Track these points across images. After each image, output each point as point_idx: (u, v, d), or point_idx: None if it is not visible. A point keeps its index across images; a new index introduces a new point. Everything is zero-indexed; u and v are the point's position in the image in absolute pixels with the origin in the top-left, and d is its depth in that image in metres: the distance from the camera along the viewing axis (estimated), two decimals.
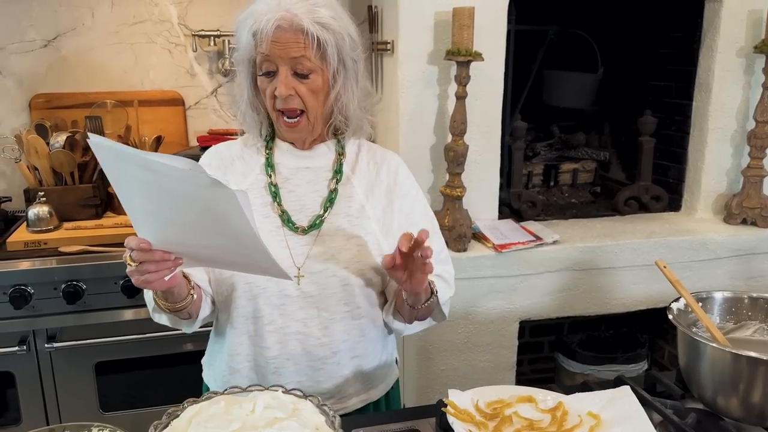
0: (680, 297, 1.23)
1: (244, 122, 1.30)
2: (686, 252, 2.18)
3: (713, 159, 2.33)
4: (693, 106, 2.35)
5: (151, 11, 2.44)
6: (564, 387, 1.28)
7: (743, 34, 2.23)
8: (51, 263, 1.88)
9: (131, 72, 2.47)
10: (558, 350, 2.64)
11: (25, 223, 2.03)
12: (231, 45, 2.42)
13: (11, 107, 2.39)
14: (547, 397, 1.14)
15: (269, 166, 1.28)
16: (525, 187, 2.47)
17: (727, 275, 2.23)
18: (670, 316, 1.20)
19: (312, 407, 1.00)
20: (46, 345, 1.88)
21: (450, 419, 1.07)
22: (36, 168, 2.12)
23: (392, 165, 1.34)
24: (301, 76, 1.18)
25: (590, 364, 2.51)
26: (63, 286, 1.86)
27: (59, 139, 2.10)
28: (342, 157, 1.31)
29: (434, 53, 2.04)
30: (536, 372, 2.76)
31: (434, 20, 2.02)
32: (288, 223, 1.25)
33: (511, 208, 2.33)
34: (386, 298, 1.32)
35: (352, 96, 1.24)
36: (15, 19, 2.34)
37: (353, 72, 1.23)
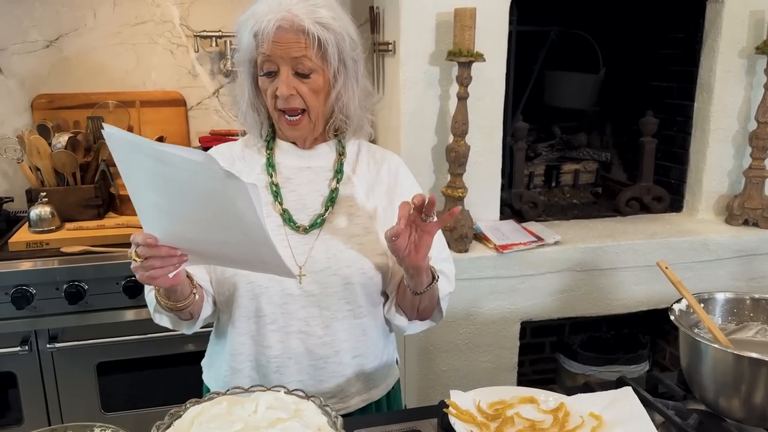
0: (682, 298, 1.23)
1: (245, 123, 1.30)
2: (688, 253, 2.17)
3: (715, 160, 2.33)
4: (694, 107, 2.35)
5: (153, 12, 2.44)
6: (565, 388, 1.28)
7: (745, 35, 2.23)
8: (53, 264, 1.88)
9: (133, 72, 2.47)
10: (559, 351, 2.64)
11: (27, 224, 2.03)
12: (232, 46, 2.43)
13: (13, 108, 2.39)
14: (549, 398, 1.14)
15: (270, 166, 1.29)
16: (526, 188, 2.47)
17: (729, 276, 2.23)
18: (672, 317, 1.20)
19: (314, 408, 1.00)
20: (48, 345, 1.88)
21: (452, 420, 1.07)
22: (38, 168, 2.12)
23: (392, 165, 1.35)
24: (302, 76, 1.18)
25: (592, 365, 2.50)
26: (65, 287, 1.86)
27: (61, 140, 2.10)
28: (343, 157, 1.31)
29: (436, 54, 2.04)
30: (537, 373, 2.76)
31: (436, 21, 2.02)
32: (289, 223, 1.26)
33: (513, 209, 2.34)
34: (388, 298, 1.32)
35: (353, 95, 1.24)
36: (17, 20, 2.34)
37: (354, 71, 1.23)
